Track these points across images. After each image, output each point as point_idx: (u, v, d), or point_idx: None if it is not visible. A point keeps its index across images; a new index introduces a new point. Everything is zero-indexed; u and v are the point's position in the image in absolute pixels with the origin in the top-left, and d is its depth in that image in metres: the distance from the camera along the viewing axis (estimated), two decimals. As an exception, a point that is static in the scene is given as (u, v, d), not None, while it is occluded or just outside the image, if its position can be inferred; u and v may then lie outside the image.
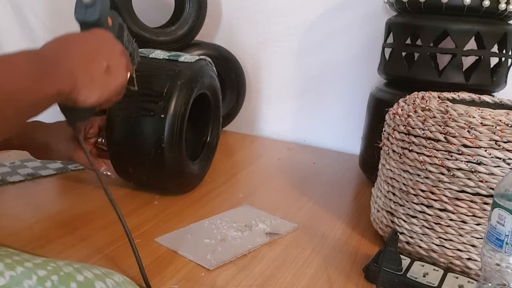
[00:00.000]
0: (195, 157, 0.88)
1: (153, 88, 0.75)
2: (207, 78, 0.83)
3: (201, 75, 0.81)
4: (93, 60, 0.51)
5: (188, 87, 0.77)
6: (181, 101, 0.75)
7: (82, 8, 0.56)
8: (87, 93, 0.50)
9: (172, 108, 0.74)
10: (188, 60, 0.79)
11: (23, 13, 1.35)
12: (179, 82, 0.75)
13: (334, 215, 0.81)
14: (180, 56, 0.80)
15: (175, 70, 0.77)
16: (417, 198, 0.63)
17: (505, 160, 0.56)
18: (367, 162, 0.97)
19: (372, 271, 0.60)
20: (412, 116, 0.64)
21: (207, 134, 0.93)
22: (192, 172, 0.84)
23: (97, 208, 0.77)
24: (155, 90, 0.75)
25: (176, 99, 0.75)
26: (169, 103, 0.74)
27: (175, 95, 0.74)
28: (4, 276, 0.38)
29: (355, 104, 1.16)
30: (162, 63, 0.79)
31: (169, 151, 0.75)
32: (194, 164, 0.85)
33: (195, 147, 0.91)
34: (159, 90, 0.75)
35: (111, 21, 0.60)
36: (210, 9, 1.19)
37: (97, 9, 0.56)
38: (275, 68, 1.29)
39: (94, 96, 0.51)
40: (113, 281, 0.44)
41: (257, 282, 0.59)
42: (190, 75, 0.78)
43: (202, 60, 0.82)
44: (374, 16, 1.11)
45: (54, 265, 0.41)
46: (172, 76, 0.76)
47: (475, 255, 0.60)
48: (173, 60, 0.79)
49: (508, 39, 0.86)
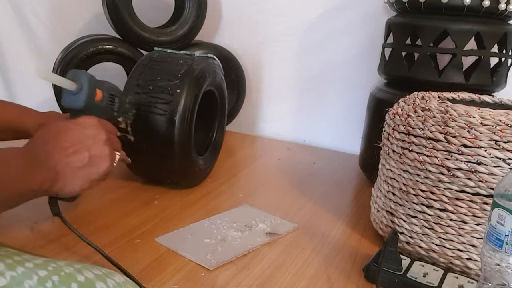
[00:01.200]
0: (201, 154, 0.90)
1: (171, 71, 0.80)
2: (218, 77, 0.89)
3: (213, 70, 0.87)
4: (75, 153, 0.54)
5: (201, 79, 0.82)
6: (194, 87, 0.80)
7: (69, 95, 0.58)
8: (69, 185, 0.53)
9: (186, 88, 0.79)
10: (203, 55, 0.87)
11: (23, 13, 1.35)
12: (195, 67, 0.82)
13: (334, 215, 0.81)
14: (195, 53, 0.88)
15: (193, 59, 0.84)
16: (417, 198, 0.63)
17: (505, 160, 0.56)
18: (367, 162, 0.97)
19: (372, 271, 0.60)
20: (412, 116, 0.64)
21: (213, 131, 0.96)
22: (199, 166, 0.87)
23: (97, 208, 0.77)
24: (172, 74, 0.80)
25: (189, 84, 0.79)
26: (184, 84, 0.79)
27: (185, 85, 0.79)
28: (5, 276, 0.38)
29: (355, 104, 1.16)
30: (180, 55, 0.86)
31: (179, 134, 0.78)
32: (201, 159, 0.88)
33: (201, 143, 0.95)
34: (176, 73, 0.80)
35: (100, 94, 0.62)
36: (210, 9, 1.19)
37: (83, 95, 0.58)
38: (275, 68, 1.29)
39: (75, 187, 0.55)
40: (113, 281, 0.44)
41: (257, 282, 0.59)
42: (203, 68, 0.84)
43: (210, 58, 0.88)
44: (374, 16, 1.11)
45: (55, 266, 0.41)
46: (189, 62, 0.82)
47: (475, 255, 0.60)
48: (190, 54, 0.87)
49: (508, 39, 0.86)
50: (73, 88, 0.58)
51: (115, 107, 0.66)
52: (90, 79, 0.59)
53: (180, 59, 0.84)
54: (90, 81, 0.59)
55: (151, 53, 0.88)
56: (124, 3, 1.06)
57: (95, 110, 0.61)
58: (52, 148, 0.52)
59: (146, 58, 0.86)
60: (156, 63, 0.83)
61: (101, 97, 0.62)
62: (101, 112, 0.63)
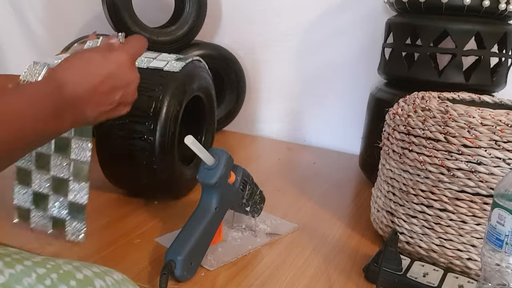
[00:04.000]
0: (190, 160, 0.85)
1: (139, 107, 0.71)
2: (196, 82, 0.80)
3: (188, 82, 0.78)
4: (107, 103, 0.52)
5: (176, 101, 0.74)
6: (170, 118, 0.73)
7: (204, 170, 0.60)
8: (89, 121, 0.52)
9: (162, 126, 0.72)
10: (174, 69, 0.75)
11: (23, 13, 1.35)
12: (165, 99, 0.73)
13: (334, 215, 0.81)
14: (165, 64, 0.76)
15: (160, 85, 0.73)
16: (417, 198, 0.63)
17: (505, 160, 0.56)
18: (367, 162, 0.97)
19: (372, 271, 0.60)
20: (412, 116, 0.64)
21: (201, 136, 0.90)
22: (186, 177, 0.82)
23: (97, 208, 0.77)
24: (142, 110, 0.72)
25: (165, 117, 0.72)
26: (157, 123, 0.72)
27: (162, 113, 0.72)
28: (4, 274, 0.38)
29: (355, 104, 1.16)
30: (146, 75, 0.72)
31: (162, 170, 0.74)
32: (188, 169, 0.83)
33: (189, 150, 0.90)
34: (146, 110, 0.72)
35: (234, 177, 0.63)
36: (210, 9, 1.19)
37: (217, 172, 0.59)
38: (275, 68, 1.29)
39: (93, 121, 0.53)
40: (112, 279, 0.44)
41: (257, 282, 0.59)
42: (177, 87, 0.75)
43: (189, 64, 0.78)
44: (374, 16, 1.11)
45: (54, 264, 0.41)
46: (158, 92, 0.73)
47: (475, 255, 0.60)
48: (156, 69, 0.75)
49: (508, 39, 0.86)
50: (211, 163, 0.59)
51: (245, 194, 0.67)
52: (228, 159, 0.61)
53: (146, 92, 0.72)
54: (227, 161, 0.60)
55: None
56: (124, 3, 1.06)
57: (225, 191, 0.62)
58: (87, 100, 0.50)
59: None
60: None
61: (234, 180, 0.63)
62: (231, 195, 0.64)
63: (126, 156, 0.74)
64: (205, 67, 0.85)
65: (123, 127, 0.73)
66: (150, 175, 0.75)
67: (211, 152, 0.60)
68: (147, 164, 0.73)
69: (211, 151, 0.60)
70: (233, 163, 0.63)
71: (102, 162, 0.78)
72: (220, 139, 1.20)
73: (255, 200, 0.70)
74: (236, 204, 0.67)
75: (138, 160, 0.73)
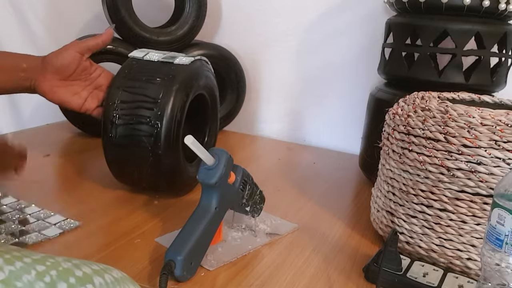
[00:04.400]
0: (193, 158, 0.85)
1: (148, 94, 0.74)
2: (203, 79, 0.82)
3: (196, 77, 0.79)
4: None
5: (183, 92, 0.76)
6: (177, 107, 0.74)
7: (204, 170, 0.60)
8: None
9: (168, 114, 0.73)
10: (183, 63, 0.78)
11: (23, 13, 1.35)
12: (174, 87, 0.74)
13: (334, 215, 0.81)
14: (175, 58, 0.78)
15: (169, 75, 0.76)
16: (417, 198, 0.63)
17: (505, 160, 0.56)
18: (367, 162, 0.97)
19: (372, 271, 0.60)
20: (412, 116, 0.64)
21: (205, 134, 0.91)
22: (189, 174, 0.82)
23: (97, 208, 0.77)
24: (151, 97, 0.74)
25: (172, 105, 0.74)
26: (165, 109, 0.73)
27: (170, 101, 0.74)
28: (4, 270, 0.38)
29: (355, 104, 1.16)
30: (157, 66, 0.78)
31: (166, 158, 0.75)
32: (191, 166, 0.83)
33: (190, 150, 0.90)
34: (155, 97, 0.74)
35: (234, 177, 0.63)
36: (210, 9, 1.19)
37: (217, 172, 0.59)
38: (275, 68, 1.29)
39: None
40: (111, 276, 0.44)
41: (257, 282, 0.59)
42: (185, 79, 0.77)
43: (198, 61, 0.81)
44: (374, 16, 1.11)
45: (53, 261, 0.41)
46: (167, 81, 0.75)
47: (475, 255, 0.60)
48: (167, 62, 0.78)
49: (508, 39, 0.86)
50: (210, 163, 0.59)
51: (245, 194, 0.67)
52: (228, 159, 0.61)
53: (156, 79, 0.75)
54: (227, 161, 0.61)
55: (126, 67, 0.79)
56: (124, 3, 1.06)
57: (225, 191, 0.62)
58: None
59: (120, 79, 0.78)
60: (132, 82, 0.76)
61: (234, 180, 0.64)
62: (231, 195, 0.64)
63: (132, 142, 0.75)
64: (211, 69, 0.86)
65: (130, 112, 0.74)
66: (154, 163, 0.75)
67: (211, 152, 0.60)
68: (151, 150, 0.74)
69: (211, 151, 0.61)
70: (233, 163, 0.63)
71: (106, 148, 0.77)
72: (220, 139, 1.20)
73: (255, 200, 0.70)
74: (236, 204, 0.67)
75: (144, 146, 0.74)
